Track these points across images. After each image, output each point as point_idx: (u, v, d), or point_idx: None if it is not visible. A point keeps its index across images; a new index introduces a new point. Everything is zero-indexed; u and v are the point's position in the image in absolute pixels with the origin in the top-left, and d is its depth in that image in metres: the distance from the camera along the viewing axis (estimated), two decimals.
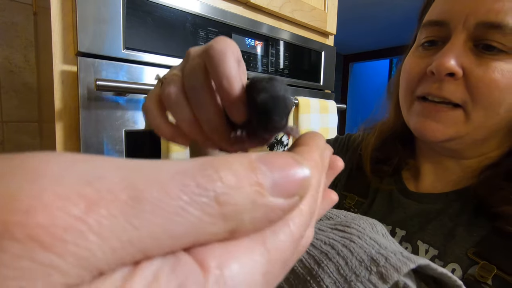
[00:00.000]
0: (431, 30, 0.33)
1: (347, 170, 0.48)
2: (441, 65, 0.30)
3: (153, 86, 0.51)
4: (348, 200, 0.44)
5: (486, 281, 0.28)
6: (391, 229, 0.38)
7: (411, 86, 0.35)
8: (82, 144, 0.46)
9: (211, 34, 0.60)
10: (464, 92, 0.30)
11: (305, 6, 0.79)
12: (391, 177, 0.43)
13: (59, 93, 0.46)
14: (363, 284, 0.14)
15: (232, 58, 0.17)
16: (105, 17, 0.46)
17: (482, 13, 0.29)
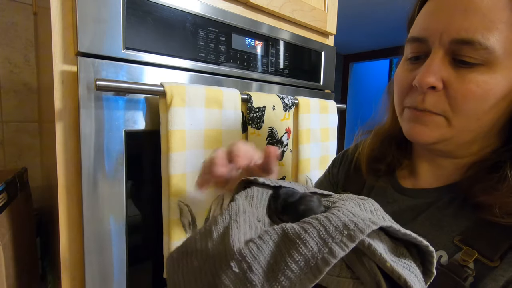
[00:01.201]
0: (414, 46, 0.37)
1: (344, 172, 0.53)
2: (422, 81, 0.33)
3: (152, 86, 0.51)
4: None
5: (467, 265, 0.32)
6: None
7: (401, 97, 0.39)
8: (82, 144, 0.46)
9: (211, 34, 0.60)
10: (445, 103, 0.34)
11: (305, 6, 0.79)
12: (386, 176, 0.46)
13: (59, 93, 0.46)
14: (337, 244, 0.20)
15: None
16: (105, 17, 0.46)
17: (454, 31, 0.31)
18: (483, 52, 0.30)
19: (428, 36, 0.34)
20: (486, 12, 0.30)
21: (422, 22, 0.36)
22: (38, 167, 0.96)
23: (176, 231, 0.51)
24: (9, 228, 0.59)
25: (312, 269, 0.19)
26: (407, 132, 0.38)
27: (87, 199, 0.47)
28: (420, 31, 0.35)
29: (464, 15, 0.31)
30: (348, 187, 0.50)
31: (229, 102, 0.57)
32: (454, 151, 0.37)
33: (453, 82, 0.32)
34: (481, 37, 0.30)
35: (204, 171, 0.36)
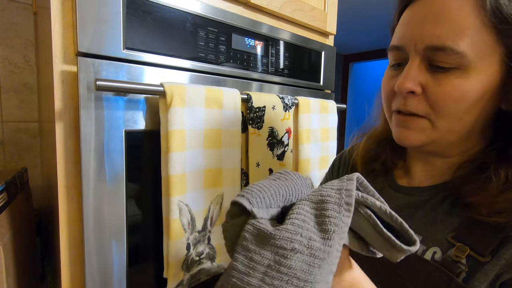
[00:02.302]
0: (394, 54, 0.39)
1: (343, 174, 0.52)
2: (401, 86, 0.36)
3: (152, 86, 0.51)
4: None
5: (460, 260, 0.34)
6: None
7: (388, 102, 0.41)
8: (82, 144, 0.46)
9: (211, 34, 0.60)
10: (426, 106, 0.36)
11: (305, 6, 0.79)
12: (382, 177, 0.49)
13: (59, 93, 0.46)
14: (346, 186, 0.29)
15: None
16: (105, 17, 0.46)
17: (427, 39, 0.34)
18: (456, 57, 0.32)
19: (405, 44, 0.36)
20: (455, 19, 0.32)
21: (399, 32, 0.38)
22: (38, 167, 0.96)
23: (176, 230, 0.51)
24: (9, 228, 0.59)
25: (344, 207, 0.27)
26: (396, 136, 0.40)
27: (87, 199, 0.47)
28: (398, 40, 0.38)
29: (435, 24, 0.33)
30: None
31: (229, 102, 0.57)
32: (443, 151, 0.40)
33: (430, 86, 0.35)
34: (452, 43, 0.32)
35: None
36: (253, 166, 0.64)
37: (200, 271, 0.57)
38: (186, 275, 0.54)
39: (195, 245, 0.55)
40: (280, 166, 0.70)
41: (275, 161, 0.68)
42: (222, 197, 0.59)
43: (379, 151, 0.49)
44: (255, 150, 0.64)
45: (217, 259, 0.59)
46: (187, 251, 0.53)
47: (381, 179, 0.48)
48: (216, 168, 0.57)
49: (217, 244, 0.59)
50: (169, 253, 0.51)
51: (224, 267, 0.60)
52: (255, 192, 0.29)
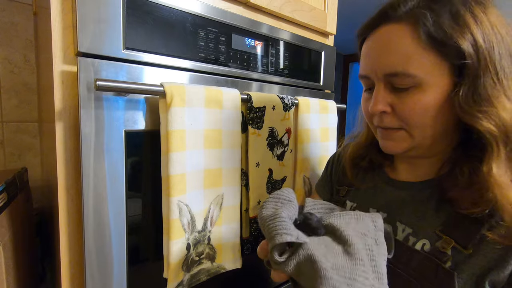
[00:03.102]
0: (364, 81, 0.46)
1: (336, 174, 0.62)
2: (373, 109, 0.42)
3: (152, 86, 0.51)
4: (341, 191, 0.58)
5: (446, 251, 0.39)
6: (376, 212, 0.49)
7: (369, 119, 0.47)
8: (82, 144, 0.46)
9: (211, 34, 0.60)
10: (398, 120, 0.41)
11: (305, 6, 0.79)
12: (374, 172, 0.54)
13: (59, 93, 0.46)
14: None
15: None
16: (105, 17, 0.46)
17: (382, 68, 0.40)
18: (409, 79, 0.38)
19: (368, 74, 0.43)
20: (399, 50, 0.38)
21: (362, 63, 0.45)
22: (38, 167, 0.96)
23: (176, 230, 0.51)
24: (9, 228, 0.59)
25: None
26: (382, 147, 0.46)
27: (87, 199, 0.47)
28: (362, 71, 0.45)
29: (386, 55, 0.40)
30: (342, 183, 0.59)
31: (229, 102, 0.57)
32: (423, 153, 0.44)
33: (397, 104, 0.41)
34: (402, 69, 0.38)
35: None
36: (253, 166, 0.64)
37: (200, 271, 0.57)
38: (186, 275, 0.54)
39: (195, 245, 0.55)
40: (279, 166, 0.70)
41: (275, 161, 0.68)
42: (222, 197, 0.59)
43: (365, 153, 0.55)
44: (255, 150, 0.64)
45: (217, 259, 0.59)
46: (187, 251, 0.53)
47: (371, 175, 0.54)
48: (216, 168, 0.57)
49: (217, 244, 0.59)
50: (169, 253, 0.51)
51: (224, 267, 0.60)
52: (284, 224, 0.33)
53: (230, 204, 0.60)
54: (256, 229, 0.66)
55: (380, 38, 0.41)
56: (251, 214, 0.65)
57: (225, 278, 0.67)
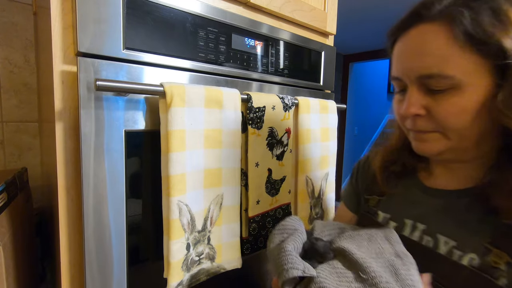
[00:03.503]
0: (396, 83, 0.44)
1: (364, 181, 0.59)
2: (407, 112, 0.41)
3: (152, 86, 0.51)
4: (371, 201, 0.55)
5: (499, 266, 0.35)
6: (413, 223, 0.46)
7: (402, 122, 0.45)
8: (82, 144, 0.46)
9: (211, 34, 0.60)
10: (433, 123, 0.40)
11: (305, 6, 0.79)
12: (406, 180, 0.51)
13: (59, 93, 0.46)
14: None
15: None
16: (105, 17, 0.47)
17: (416, 70, 0.39)
18: (446, 81, 0.36)
19: (400, 76, 0.42)
20: (433, 51, 0.37)
21: (393, 65, 0.43)
22: (38, 167, 0.96)
23: (176, 230, 0.51)
24: (9, 228, 0.59)
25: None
26: (415, 148, 0.44)
27: (87, 199, 0.47)
28: (394, 72, 0.43)
29: (419, 57, 0.38)
30: (372, 191, 0.56)
31: (229, 102, 0.57)
32: (461, 157, 0.42)
33: (432, 106, 0.39)
34: (438, 71, 0.36)
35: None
36: (252, 166, 0.64)
37: (200, 271, 0.57)
38: (186, 275, 0.54)
39: (195, 245, 0.55)
40: (279, 166, 0.70)
41: (274, 161, 0.68)
42: (222, 197, 0.59)
43: (398, 156, 0.52)
44: (254, 150, 0.64)
45: (217, 259, 0.59)
46: (187, 251, 0.53)
47: (405, 182, 0.51)
48: (216, 168, 0.57)
49: (217, 244, 0.59)
50: (169, 253, 0.51)
51: (224, 267, 0.60)
52: (290, 257, 0.33)
53: (230, 204, 0.60)
54: (255, 228, 0.66)
55: (413, 39, 0.39)
56: (250, 213, 0.65)
57: (225, 278, 0.67)
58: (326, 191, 0.83)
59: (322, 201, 0.82)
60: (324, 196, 0.82)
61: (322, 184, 0.81)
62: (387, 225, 0.49)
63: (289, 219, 0.40)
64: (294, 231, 0.38)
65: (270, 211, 0.69)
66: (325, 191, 0.82)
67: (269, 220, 0.69)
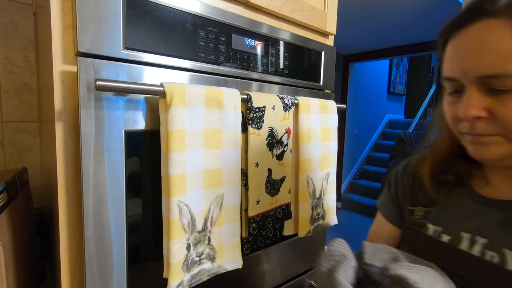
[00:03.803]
0: (450, 83, 0.41)
1: (407, 190, 0.55)
2: (466, 114, 0.37)
3: (152, 86, 0.51)
4: (417, 212, 0.51)
5: None
6: (471, 237, 0.42)
7: (455, 126, 0.42)
8: (82, 144, 0.46)
9: (211, 34, 0.60)
10: (496, 126, 0.37)
11: (305, 6, 0.79)
12: (459, 189, 0.47)
13: (59, 93, 0.46)
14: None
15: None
16: (105, 17, 0.46)
17: (477, 70, 0.36)
18: (511, 80, 0.33)
19: (457, 76, 0.38)
20: (498, 48, 0.34)
21: (448, 65, 0.40)
22: (38, 167, 0.96)
23: (176, 231, 0.51)
24: (9, 228, 0.59)
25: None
26: (473, 154, 0.41)
27: (87, 199, 0.47)
28: (449, 72, 0.40)
29: (481, 55, 0.35)
30: (417, 202, 0.52)
31: (229, 102, 0.57)
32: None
33: (496, 108, 0.36)
34: (503, 70, 0.33)
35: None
36: (252, 166, 0.64)
37: (200, 271, 0.57)
38: (186, 275, 0.54)
39: (195, 245, 0.55)
40: (279, 166, 0.70)
41: (274, 161, 0.68)
42: (222, 197, 0.59)
43: (451, 163, 0.48)
44: (254, 150, 0.64)
45: (217, 259, 0.59)
46: (187, 251, 0.53)
47: (457, 192, 0.47)
48: (216, 168, 0.57)
49: (217, 245, 0.59)
50: (169, 253, 0.51)
51: (224, 267, 0.60)
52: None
53: (230, 204, 0.60)
54: (255, 228, 0.66)
55: (473, 36, 0.36)
56: (250, 213, 0.65)
57: (225, 278, 0.67)
58: (327, 191, 0.83)
59: (323, 201, 0.82)
60: (325, 196, 0.82)
61: (323, 184, 0.81)
62: (440, 238, 0.45)
63: (336, 245, 0.38)
64: (343, 257, 0.36)
65: (270, 211, 0.69)
66: (326, 191, 0.82)
67: (269, 220, 0.69)
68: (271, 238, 0.73)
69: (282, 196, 0.72)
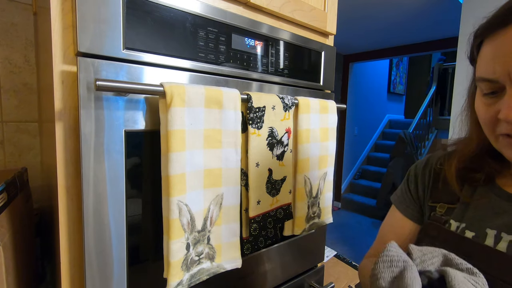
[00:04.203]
0: (487, 84, 0.40)
1: (427, 186, 0.55)
2: (508, 116, 0.36)
3: (152, 86, 0.51)
4: (439, 209, 0.51)
5: None
6: (496, 233, 0.42)
7: (490, 126, 0.42)
8: (82, 144, 0.46)
9: (211, 34, 0.60)
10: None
11: (305, 6, 0.79)
12: (484, 186, 0.47)
13: (59, 93, 0.46)
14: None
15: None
16: (105, 17, 0.47)
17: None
18: None
19: (497, 78, 0.38)
20: None
21: (487, 66, 0.39)
22: (38, 167, 0.96)
23: (176, 230, 0.51)
24: (9, 228, 0.59)
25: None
26: (510, 158, 0.41)
27: (87, 199, 0.47)
28: (489, 74, 0.39)
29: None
30: (439, 199, 0.53)
31: (229, 102, 0.57)
32: None
33: None
34: None
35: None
36: (253, 166, 0.64)
37: (199, 270, 0.57)
38: (186, 274, 0.54)
39: (194, 245, 0.55)
40: (279, 166, 0.70)
41: (275, 161, 0.68)
42: (222, 197, 0.59)
43: (479, 162, 0.49)
44: (254, 150, 0.64)
45: (217, 258, 0.59)
46: (186, 251, 0.53)
47: (482, 189, 0.48)
48: (216, 168, 0.57)
49: (217, 244, 0.59)
50: (169, 253, 0.51)
51: (224, 267, 0.60)
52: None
53: (230, 204, 0.60)
54: (255, 229, 0.66)
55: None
56: (251, 214, 0.65)
57: (225, 278, 0.67)
58: (324, 191, 0.83)
59: (319, 200, 0.82)
60: (321, 195, 0.82)
61: (320, 183, 0.81)
62: (463, 234, 0.46)
63: (391, 248, 0.36)
64: (405, 263, 0.34)
65: (270, 211, 0.69)
66: (323, 190, 0.83)
67: (270, 220, 0.69)
68: (272, 238, 0.73)
69: (283, 196, 0.72)
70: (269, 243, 0.74)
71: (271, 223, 0.69)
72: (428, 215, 0.53)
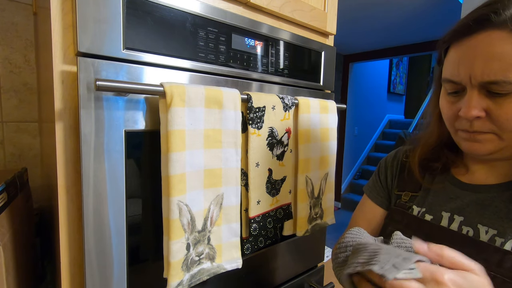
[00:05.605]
0: (451, 85, 0.45)
1: (395, 176, 0.62)
2: (468, 114, 0.42)
3: (152, 86, 0.51)
4: (404, 197, 0.58)
5: None
6: (450, 216, 0.49)
7: (451, 122, 0.47)
8: (82, 144, 0.46)
9: (211, 34, 0.60)
10: (491, 125, 0.41)
11: (305, 6, 0.79)
12: (441, 175, 0.54)
13: (59, 93, 0.46)
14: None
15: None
16: (105, 17, 0.47)
17: (479, 76, 0.40)
18: (509, 86, 0.38)
19: (460, 80, 0.43)
20: (503, 58, 0.38)
21: (451, 69, 0.44)
22: (38, 167, 0.96)
23: (176, 230, 0.51)
24: (9, 228, 0.59)
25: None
26: (465, 149, 0.46)
27: (87, 199, 0.47)
28: (453, 76, 0.44)
29: (484, 63, 0.39)
30: (404, 187, 0.59)
31: (229, 102, 0.57)
32: (505, 155, 0.44)
33: (493, 109, 0.40)
34: (503, 77, 0.38)
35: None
36: (253, 166, 0.64)
37: (200, 271, 0.57)
38: (186, 275, 0.54)
39: (194, 245, 0.55)
40: (279, 166, 0.70)
41: (275, 161, 0.68)
42: (222, 197, 0.59)
43: (437, 153, 0.55)
44: (254, 150, 0.64)
45: (217, 259, 0.59)
46: (187, 251, 0.53)
47: (440, 178, 0.54)
48: (216, 168, 0.57)
49: (217, 244, 0.59)
50: (169, 253, 0.51)
51: (224, 267, 0.60)
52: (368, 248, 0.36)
53: (230, 204, 0.60)
54: (255, 229, 0.66)
55: (479, 44, 0.40)
56: (250, 214, 0.65)
57: (225, 278, 0.67)
58: (326, 191, 0.83)
59: (321, 201, 0.82)
60: (323, 196, 0.82)
61: (321, 184, 0.81)
62: (423, 217, 0.52)
63: (348, 235, 0.41)
64: (359, 244, 0.39)
65: (270, 211, 0.69)
66: (325, 191, 0.83)
67: (270, 220, 0.69)
68: (272, 238, 0.73)
69: (283, 196, 0.72)
70: (269, 243, 0.74)
71: (271, 223, 0.69)
72: (394, 202, 0.60)
